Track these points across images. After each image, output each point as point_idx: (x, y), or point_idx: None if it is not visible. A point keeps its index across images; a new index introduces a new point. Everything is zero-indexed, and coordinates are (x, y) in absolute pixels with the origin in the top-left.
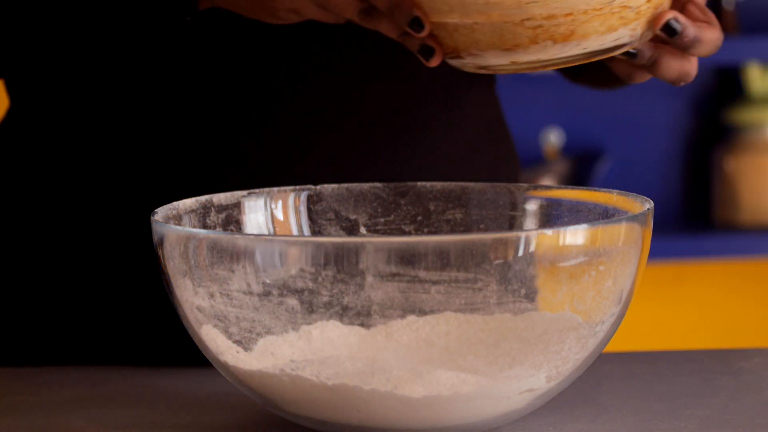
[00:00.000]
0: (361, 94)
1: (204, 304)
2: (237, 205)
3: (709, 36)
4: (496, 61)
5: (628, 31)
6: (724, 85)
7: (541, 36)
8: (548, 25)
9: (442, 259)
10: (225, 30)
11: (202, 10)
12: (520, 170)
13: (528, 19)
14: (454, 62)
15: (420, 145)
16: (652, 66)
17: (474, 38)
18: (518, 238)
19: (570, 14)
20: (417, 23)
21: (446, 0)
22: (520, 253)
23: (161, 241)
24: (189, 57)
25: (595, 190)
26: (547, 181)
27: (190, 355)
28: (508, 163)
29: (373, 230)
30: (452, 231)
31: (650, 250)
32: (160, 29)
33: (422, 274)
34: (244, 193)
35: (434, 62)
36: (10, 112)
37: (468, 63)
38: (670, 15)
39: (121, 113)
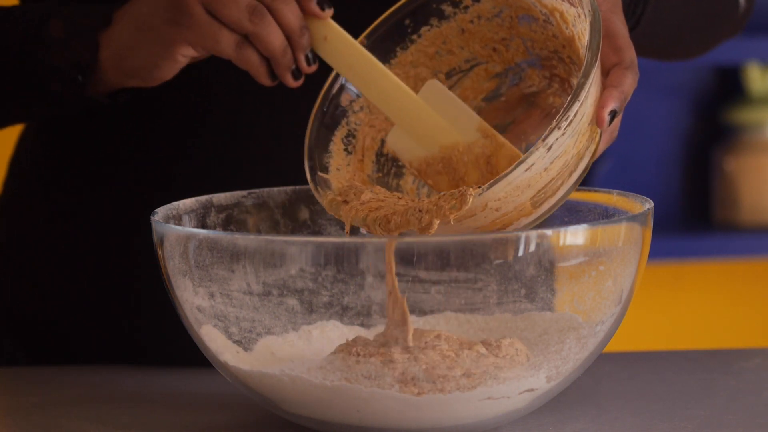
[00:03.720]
0: None
1: (204, 304)
2: (237, 205)
3: (629, 82)
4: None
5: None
6: (724, 85)
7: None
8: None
9: (442, 259)
10: None
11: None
12: None
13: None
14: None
15: None
16: None
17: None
18: (518, 238)
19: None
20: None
21: None
22: (520, 253)
23: (161, 241)
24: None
25: (595, 190)
26: None
27: (190, 355)
28: None
29: None
30: None
31: (650, 250)
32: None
33: (422, 274)
34: (244, 193)
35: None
36: None
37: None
38: (604, 110)
39: (122, 113)
